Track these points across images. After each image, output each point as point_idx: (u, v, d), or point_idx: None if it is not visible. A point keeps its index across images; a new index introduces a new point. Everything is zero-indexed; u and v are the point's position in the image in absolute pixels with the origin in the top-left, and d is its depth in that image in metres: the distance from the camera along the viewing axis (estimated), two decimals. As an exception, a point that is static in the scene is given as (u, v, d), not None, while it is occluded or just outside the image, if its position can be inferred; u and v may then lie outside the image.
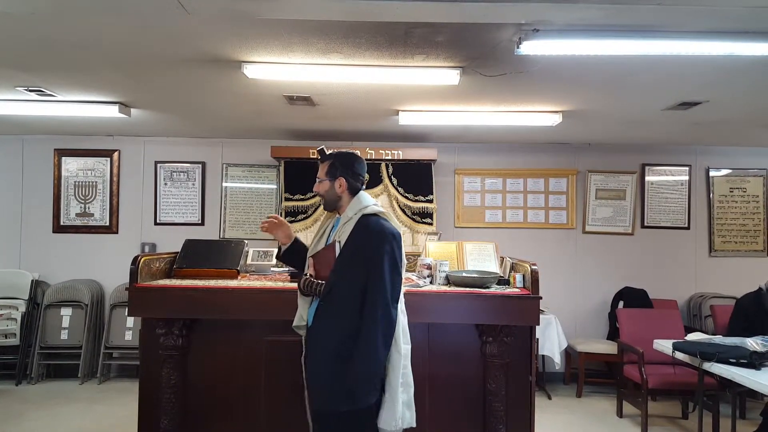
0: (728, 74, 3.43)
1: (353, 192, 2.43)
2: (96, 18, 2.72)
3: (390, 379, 2.28)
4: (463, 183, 5.88)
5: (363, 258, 2.25)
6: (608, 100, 4.11)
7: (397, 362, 2.29)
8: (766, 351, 3.30)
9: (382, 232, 2.28)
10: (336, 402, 2.22)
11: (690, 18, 2.58)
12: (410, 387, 2.38)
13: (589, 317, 5.81)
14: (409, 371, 2.38)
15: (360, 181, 2.46)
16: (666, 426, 4.51)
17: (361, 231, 2.30)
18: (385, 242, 2.25)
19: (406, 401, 2.35)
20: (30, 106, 4.42)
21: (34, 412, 4.57)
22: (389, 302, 2.21)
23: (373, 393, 2.22)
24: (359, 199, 2.40)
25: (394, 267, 2.25)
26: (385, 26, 2.75)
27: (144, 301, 2.88)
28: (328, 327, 2.29)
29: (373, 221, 2.32)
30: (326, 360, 2.26)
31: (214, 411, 2.99)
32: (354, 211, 2.37)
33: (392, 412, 2.26)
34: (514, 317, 2.84)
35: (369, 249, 2.25)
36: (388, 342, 2.23)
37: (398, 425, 2.28)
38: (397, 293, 2.28)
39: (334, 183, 2.42)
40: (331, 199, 2.45)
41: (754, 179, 5.90)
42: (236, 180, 5.87)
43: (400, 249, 2.32)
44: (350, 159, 2.48)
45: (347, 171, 2.42)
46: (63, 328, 5.44)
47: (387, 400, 2.27)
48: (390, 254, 2.25)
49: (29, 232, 5.80)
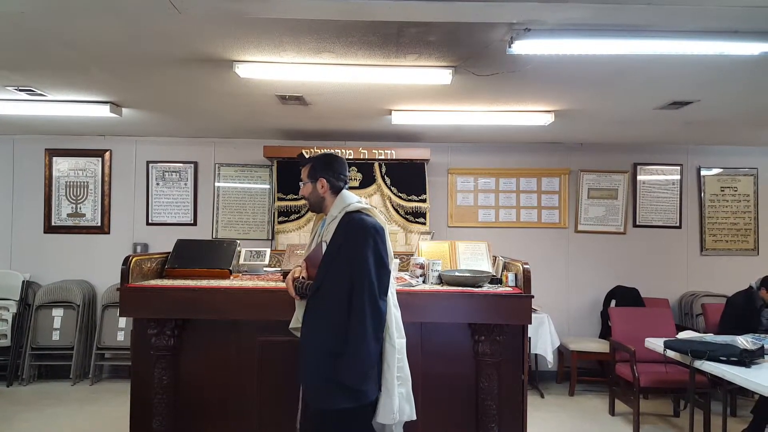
0: (719, 74, 3.45)
1: (336, 191, 2.47)
2: (87, 17, 2.71)
3: (385, 374, 2.29)
4: (456, 182, 5.89)
5: (347, 254, 2.27)
6: (600, 100, 4.13)
7: (392, 356, 2.31)
8: (756, 349, 3.33)
9: (364, 227, 2.30)
10: (336, 400, 2.23)
11: (679, 18, 2.59)
12: (408, 380, 2.40)
13: (582, 316, 5.83)
14: (406, 365, 2.40)
15: (342, 180, 2.50)
16: (658, 424, 4.53)
17: (344, 228, 2.33)
18: (368, 237, 2.28)
19: (405, 395, 2.37)
20: (20, 105, 4.39)
21: (25, 413, 4.54)
22: (377, 296, 2.23)
23: (372, 388, 2.24)
24: (342, 198, 2.44)
25: (379, 260, 2.27)
26: (377, 25, 2.75)
27: (135, 301, 2.87)
28: (318, 325, 2.31)
29: (356, 218, 2.35)
30: (319, 358, 2.26)
31: (207, 411, 2.97)
32: (338, 210, 2.40)
33: (389, 405, 2.28)
34: (507, 316, 2.84)
35: (353, 245, 2.27)
36: (378, 335, 2.24)
37: (396, 418, 2.30)
38: (384, 286, 2.29)
39: (316, 184, 2.48)
40: (316, 201, 2.51)
41: (745, 178, 5.95)
42: (229, 180, 5.85)
43: (384, 243, 2.34)
44: (329, 159, 2.52)
45: (327, 171, 2.47)
46: (54, 329, 5.41)
47: (383, 394, 2.29)
48: (374, 248, 2.27)
49: (20, 232, 5.76)
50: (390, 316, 2.33)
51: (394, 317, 2.36)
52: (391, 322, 2.33)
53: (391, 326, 2.33)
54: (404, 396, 2.36)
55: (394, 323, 2.35)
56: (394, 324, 2.34)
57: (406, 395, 2.38)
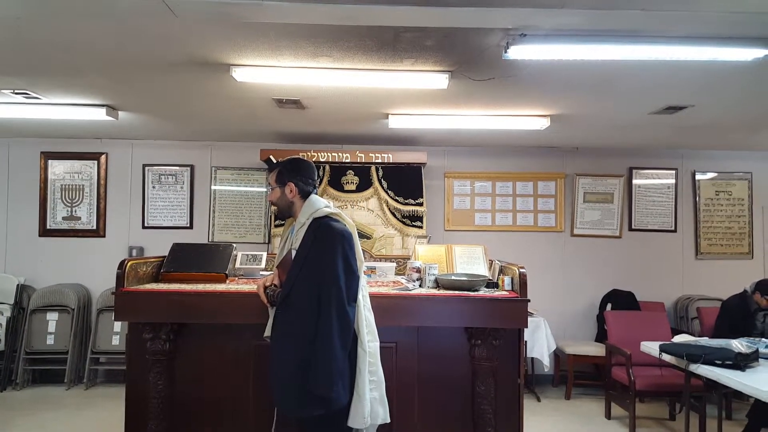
0: (713, 79, 3.47)
1: (305, 196, 2.48)
2: (83, 21, 2.71)
3: (357, 378, 2.30)
4: (452, 186, 5.90)
5: (315, 261, 2.28)
6: (596, 105, 4.15)
7: (363, 361, 2.31)
8: (751, 352, 3.34)
9: (332, 233, 2.31)
10: (307, 408, 2.23)
11: (673, 23, 2.61)
12: (381, 384, 2.40)
13: (578, 320, 5.84)
14: (379, 368, 2.40)
15: (310, 184, 2.51)
16: (653, 427, 4.54)
17: (312, 234, 2.34)
18: (335, 243, 2.28)
19: (378, 398, 2.37)
20: (16, 108, 4.38)
21: (20, 418, 4.51)
22: (344, 302, 2.24)
23: (341, 394, 2.23)
24: (310, 203, 2.44)
25: (347, 266, 2.27)
26: (374, 30, 2.76)
27: (131, 305, 2.86)
28: (286, 333, 2.32)
29: (324, 224, 2.35)
30: (288, 366, 2.27)
31: (202, 416, 2.96)
32: (305, 216, 2.41)
33: (360, 410, 2.29)
34: (503, 320, 2.84)
35: (320, 251, 2.28)
36: (346, 341, 2.24)
37: (367, 422, 2.30)
38: (353, 292, 2.30)
39: (284, 189, 2.48)
40: (284, 206, 2.52)
41: (740, 182, 5.98)
42: (225, 183, 5.84)
43: (353, 248, 2.34)
44: (297, 164, 2.53)
45: (296, 176, 2.48)
46: (49, 333, 5.38)
47: (354, 399, 2.30)
48: (342, 254, 2.27)
49: (15, 235, 5.74)
50: (361, 320, 2.33)
51: (365, 321, 2.36)
52: (362, 326, 2.33)
53: (362, 330, 2.33)
54: (377, 399, 2.37)
55: (365, 327, 2.35)
56: (365, 328, 2.35)
57: (380, 398, 2.38)
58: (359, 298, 2.35)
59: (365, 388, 2.30)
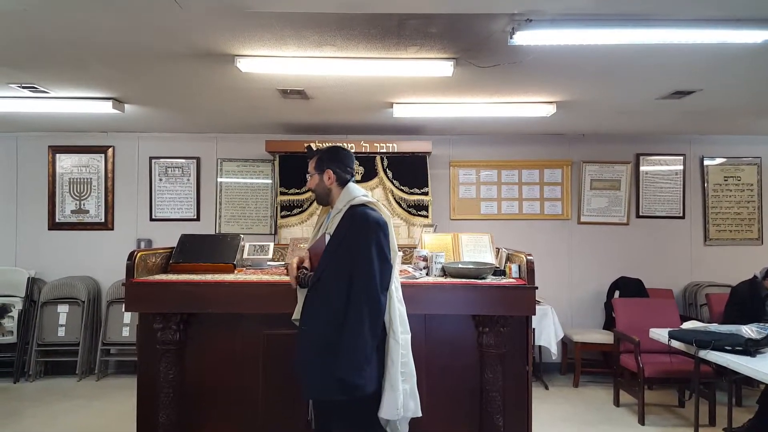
0: (721, 63, 3.43)
1: (342, 184, 2.48)
2: (89, 14, 2.71)
3: (389, 369, 2.29)
4: (458, 175, 5.88)
5: (349, 247, 2.28)
6: (602, 90, 4.11)
7: (396, 352, 2.30)
8: (761, 338, 3.33)
9: (367, 221, 2.30)
10: (328, 391, 2.23)
11: (680, 6, 2.58)
12: (412, 376, 2.39)
13: (585, 307, 5.84)
14: (411, 360, 2.39)
15: (348, 172, 2.51)
16: (663, 414, 4.54)
17: (348, 221, 2.34)
18: (370, 231, 2.28)
19: (409, 391, 2.36)
20: (23, 102, 4.39)
21: (32, 409, 4.57)
22: (376, 290, 2.23)
23: (368, 382, 2.22)
24: (348, 191, 2.44)
25: (381, 255, 2.27)
26: (378, 18, 2.75)
27: (140, 296, 2.88)
28: (315, 316, 2.31)
29: (360, 211, 2.35)
30: (313, 349, 2.28)
31: (213, 405, 2.99)
32: (343, 203, 2.41)
33: (392, 401, 2.28)
34: (510, 308, 2.85)
35: (355, 238, 2.28)
36: (375, 329, 2.23)
37: (400, 414, 2.30)
38: (385, 281, 2.29)
39: (323, 176, 2.48)
40: (322, 193, 2.51)
41: (748, 168, 5.93)
42: (231, 175, 5.85)
43: (387, 237, 2.33)
44: (337, 151, 2.53)
45: (334, 163, 2.48)
46: (60, 325, 5.43)
47: (386, 390, 2.29)
48: (376, 242, 2.27)
49: (24, 229, 5.79)
50: (394, 312, 2.33)
51: (398, 312, 2.35)
52: (395, 317, 2.32)
53: (395, 321, 2.32)
54: (408, 392, 2.35)
55: (398, 318, 2.34)
56: (398, 319, 2.34)
57: (411, 392, 2.37)
58: (391, 288, 2.34)
59: (398, 379, 2.29)
